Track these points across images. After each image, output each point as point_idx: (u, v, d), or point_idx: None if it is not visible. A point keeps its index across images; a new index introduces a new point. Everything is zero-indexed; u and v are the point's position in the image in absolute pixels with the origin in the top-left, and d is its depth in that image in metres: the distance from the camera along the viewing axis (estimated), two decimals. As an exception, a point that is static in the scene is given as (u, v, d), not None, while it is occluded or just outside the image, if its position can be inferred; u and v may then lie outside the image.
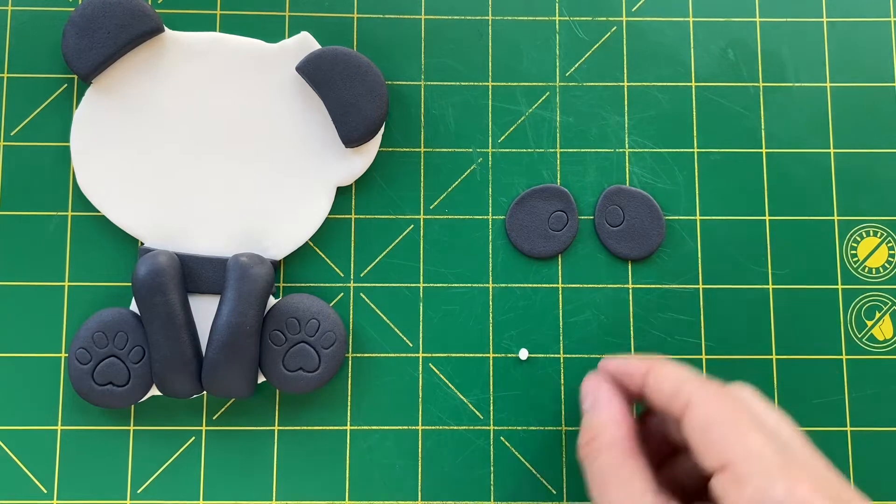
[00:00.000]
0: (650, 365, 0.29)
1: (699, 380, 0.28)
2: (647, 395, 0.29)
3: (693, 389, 0.27)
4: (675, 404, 0.27)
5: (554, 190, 0.35)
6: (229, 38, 0.35)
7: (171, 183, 0.34)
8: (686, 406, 0.27)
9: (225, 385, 0.32)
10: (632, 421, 0.29)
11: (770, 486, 0.24)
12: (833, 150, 0.36)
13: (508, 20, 0.36)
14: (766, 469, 0.25)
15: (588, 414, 0.30)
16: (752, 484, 0.25)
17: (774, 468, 0.25)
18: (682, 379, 0.28)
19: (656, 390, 0.28)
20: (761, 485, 0.25)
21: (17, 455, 0.33)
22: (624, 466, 0.28)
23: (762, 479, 0.25)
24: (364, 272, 0.34)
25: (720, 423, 0.26)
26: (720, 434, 0.26)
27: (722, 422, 0.26)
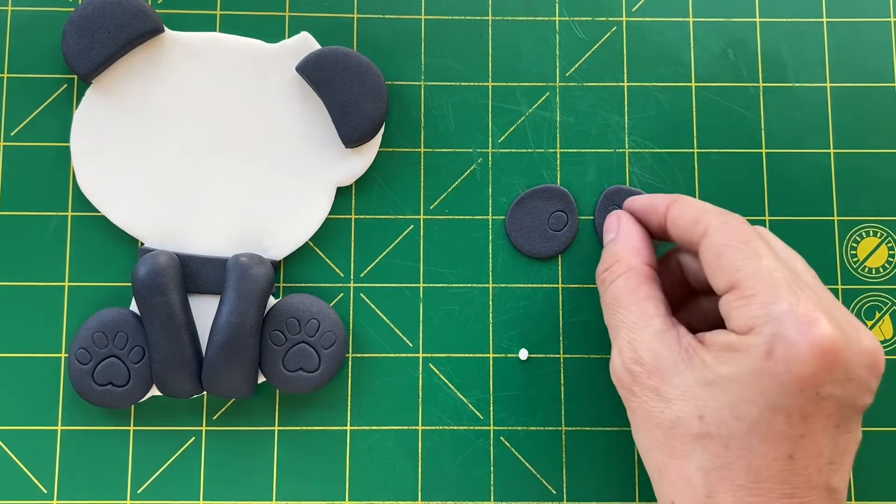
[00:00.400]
0: (674, 198, 0.30)
1: (720, 210, 0.29)
2: (669, 226, 0.30)
3: (712, 217, 0.28)
4: (694, 232, 0.28)
5: (554, 190, 0.35)
6: (229, 38, 0.35)
7: (171, 183, 0.34)
8: (704, 232, 0.28)
9: (225, 385, 0.32)
10: (651, 253, 0.30)
11: (773, 302, 0.25)
12: (833, 150, 0.36)
13: (508, 20, 0.36)
14: (771, 287, 0.25)
15: (608, 244, 0.31)
16: (756, 300, 0.25)
17: (781, 287, 0.25)
18: (703, 209, 0.29)
19: (678, 218, 0.29)
20: (765, 300, 0.25)
21: (17, 455, 0.33)
22: (638, 290, 0.29)
23: (767, 295, 0.25)
24: (364, 272, 0.34)
25: (733, 246, 0.27)
26: (732, 256, 0.27)
27: (735, 245, 0.27)
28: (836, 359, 0.25)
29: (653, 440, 0.27)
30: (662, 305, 0.28)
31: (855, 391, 0.25)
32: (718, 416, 0.25)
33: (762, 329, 0.25)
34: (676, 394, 0.26)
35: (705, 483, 0.26)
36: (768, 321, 0.25)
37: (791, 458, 0.25)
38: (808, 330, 0.25)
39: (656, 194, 0.32)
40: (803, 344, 0.24)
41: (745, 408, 0.25)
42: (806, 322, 0.25)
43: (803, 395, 0.25)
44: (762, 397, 0.25)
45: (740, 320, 0.26)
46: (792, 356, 0.24)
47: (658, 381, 0.27)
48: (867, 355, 0.26)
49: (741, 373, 0.25)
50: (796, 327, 0.25)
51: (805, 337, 0.24)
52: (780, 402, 0.25)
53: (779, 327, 0.25)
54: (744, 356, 0.25)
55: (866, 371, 0.26)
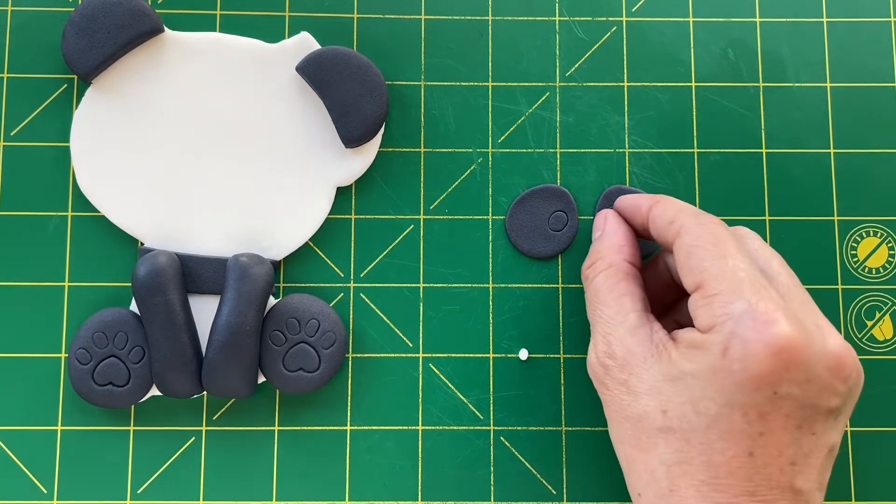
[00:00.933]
0: (657, 198, 0.31)
1: (696, 211, 0.29)
2: (650, 226, 0.30)
3: (686, 218, 0.29)
4: (669, 232, 0.29)
5: (554, 190, 0.35)
6: (229, 38, 0.35)
7: (171, 183, 0.34)
8: (678, 233, 0.28)
9: (225, 385, 0.32)
10: (634, 251, 0.31)
11: (733, 301, 0.26)
12: (833, 150, 0.36)
13: (508, 20, 0.36)
14: (734, 287, 0.26)
15: (594, 242, 0.32)
16: (718, 300, 0.26)
17: (743, 286, 0.26)
18: (679, 209, 0.29)
19: (658, 219, 0.30)
20: (726, 300, 0.26)
21: (17, 455, 0.33)
22: (617, 287, 0.29)
23: (728, 295, 0.26)
24: (364, 272, 0.34)
25: (702, 246, 0.27)
26: (700, 256, 0.27)
27: (704, 245, 0.27)
28: (793, 358, 0.25)
29: (622, 433, 0.28)
30: (640, 302, 0.29)
31: (815, 392, 0.26)
32: (680, 410, 0.26)
33: (721, 328, 0.26)
34: (643, 388, 0.27)
35: (668, 476, 0.26)
36: (727, 320, 0.25)
37: (751, 455, 0.25)
38: (765, 329, 0.25)
39: (643, 194, 0.33)
40: (758, 343, 0.25)
41: (704, 404, 0.25)
42: (763, 321, 0.25)
43: (759, 394, 0.25)
44: (720, 394, 0.25)
45: (703, 319, 0.26)
46: (747, 355, 0.25)
47: (628, 374, 0.27)
48: (830, 357, 0.26)
49: (701, 370, 0.26)
50: (752, 326, 0.25)
51: (760, 336, 0.25)
52: (737, 400, 0.25)
53: (736, 326, 0.25)
54: (704, 354, 0.26)
55: (829, 373, 0.26)
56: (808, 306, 0.27)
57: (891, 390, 0.34)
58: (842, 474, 0.34)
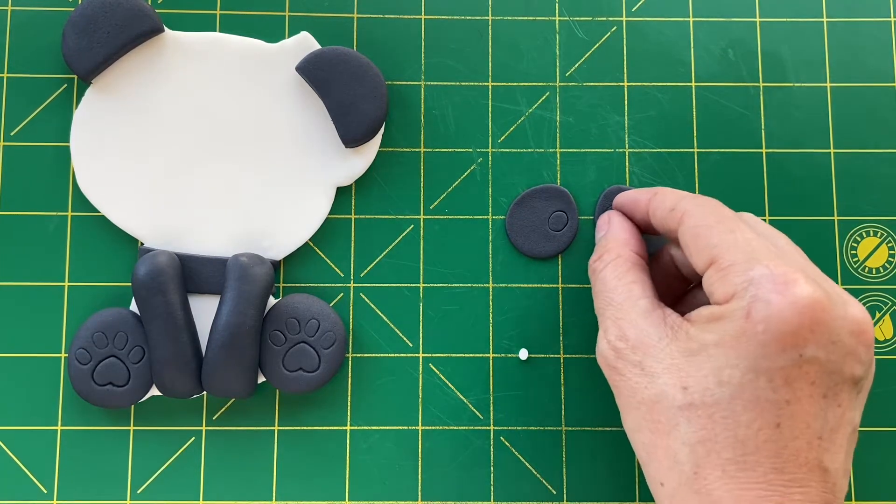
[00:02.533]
0: (655, 190, 0.31)
1: (695, 195, 0.29)
2: (651, 218, 0.30)
3: (687, 202, 0.29)
4: (672, 219, 0.29)
5: (554, 190, 0.35)
6: (229, 38, 0.35)
7: (171, 183, 0.34)
8: (681, 218, 0.28)
9: (225, 385, 0.32)
10: (640, 244, 0.31)
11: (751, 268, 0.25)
12: (833, 150, 0.36)
13: (508, 20, 0.36)
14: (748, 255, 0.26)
15: (599, 239, 0.32)
16: (734, 269, 0.26)
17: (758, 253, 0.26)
18: (679, 196, 0.29)
19: (657, 209, 0.30)
20: (743, 268, 0.25)
21: (17, 455, 0.33)
22: (626, 275, 0.29)
23: (744, 263, 0.25)
24: (364, 272, 0.34)
25: (707, 225, 0.27)
26: (708, 235, 0.27)
27: (709, 224, 0.27)
28: (817, 318, 0.24)
29: (638, 418, 0.27)
30: (649, 289, 0.29)
31: (840, 357, 0.25)
32: (702, 384, 0.25)
33: (742, 294, 0.25)
34: (660, 367, 0.26)
35: (692, 458, 0.25)
36: (747, 285, 0.25)
37: (778, 426, 0.24)
38: (787, 289, 0.24)
39: (640, 189, 0.32)
40: (781, 302, 0.24)
41: (728, 372, 0.25)
42: (783, 282, 0.25)
43: (785, 356, 0.24)
44: (744, 359, 0.25)
45: (720, 291, 0.26)
46: (771, 315, 0.24)
47: (642, 355, 0.27)
48: (852, 321, 0.25)
49: (723, 338, 0.25)
50: (774, 287, 0.25)
51: (783, 296, 0.24)
52: (762, 364, 0.24)
53: (757, 289, 0.25)
54: (726, 322, 0.25)
55: (852, 338, 0.25)
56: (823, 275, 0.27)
57: (891, 390, 0.34)
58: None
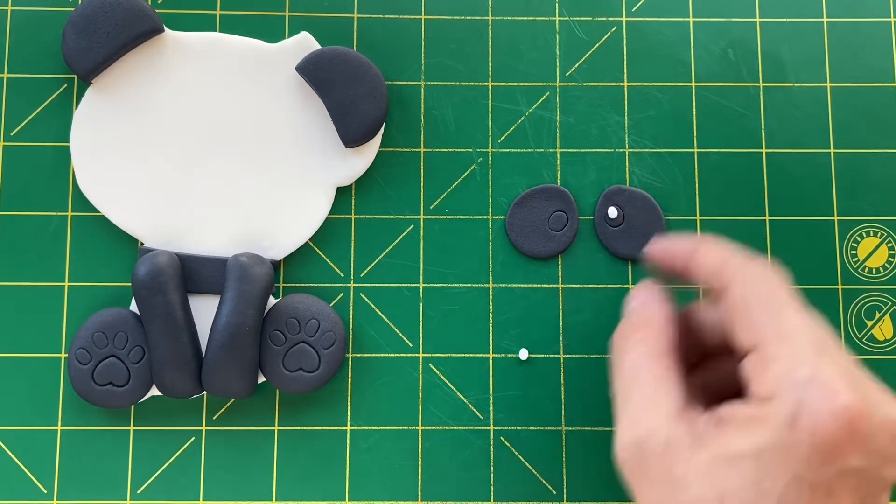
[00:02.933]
0: (700, 241, 0.28)
1: (746, 258, 0.27)
2: (693, 270, 0.28)
3: (738, 266, 0.26)
4: (718, 280, 0.26)
5: (554, 190, 0.35)
6: (229, 38, 0.35)
7: (171, 183, 0.34)
8: (729, 283, 0.26)
9: (225, 385, 0.32)
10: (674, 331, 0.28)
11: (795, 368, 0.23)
12: (833, 150, 0.36)
13: (508, 20, 0.36)
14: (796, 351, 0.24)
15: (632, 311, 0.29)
16: (779, 364, 0.24)
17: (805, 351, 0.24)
18: (728, 255, 0.27)
19: (703, 265, 0.27)
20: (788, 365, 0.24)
21: (17, 455, 0.33)
22: (658, 365, 0.26)
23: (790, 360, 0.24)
24: (364, 272, 0.34)
25: (759, 301, 0.25)
26: (758, 312, 0.25)
27: (761, 301, 0.25)
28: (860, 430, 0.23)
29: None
30: (680, 385, 0.26)
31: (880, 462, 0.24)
32: (741, 496, 0.23)
33: (785, 396, 0.23)
34: (694, 474, 0.24)
35: None
36: (791, 387, 0.23)
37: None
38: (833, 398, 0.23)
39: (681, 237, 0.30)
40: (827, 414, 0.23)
41: (769, 483, 0.23)
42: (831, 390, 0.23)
43: (829, 468, 0.23)
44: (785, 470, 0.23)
45: (762, 385, 0.24)
46: (817, 425, 0.23)
47: (671, 460, 0.24)
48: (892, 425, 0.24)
49: (764, 446, 0.23)
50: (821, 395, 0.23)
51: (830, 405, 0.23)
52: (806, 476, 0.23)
53: (803, 394, 0.23)
54: (765, 427, 0.23)
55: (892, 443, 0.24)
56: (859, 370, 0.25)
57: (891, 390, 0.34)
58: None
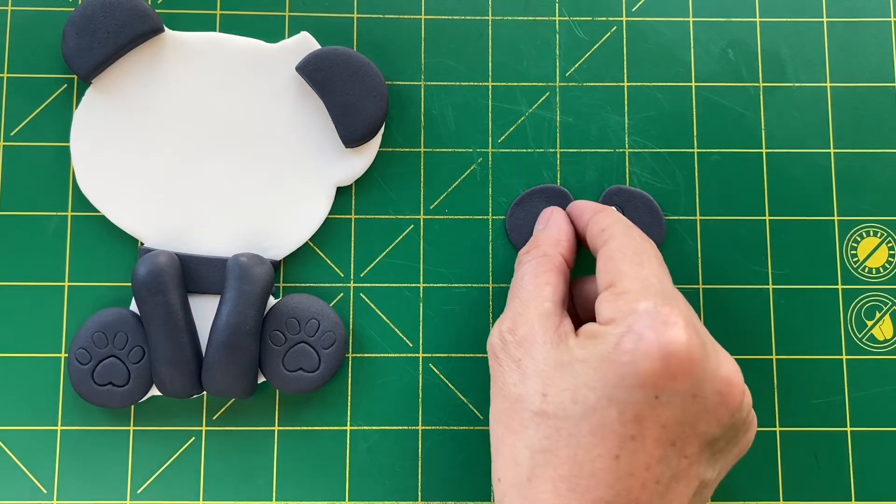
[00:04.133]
0: (600, 207, 0.31)
1: (630, 225, 0.30)
2: (587, 232, 0.31)
3: (617, 228, 0.29)
4: (600, 238, 0.29)
5: (554, 190, 0.35)
6: (229, 38, 0.35)
7: (171, 183, 0.34)
8: (606, 240, 0.29)
9: (225, 385, 0.32)
10: (570, 249, 0.31)
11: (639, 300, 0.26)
12: (833, 150, 0.36)
13: (508, 20, 0.36)
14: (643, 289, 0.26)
15: (535, 233, 0.32)
16: (625, 297, 0.26)
17: (652, 291, 0.26)
18: (615, 220, 0.30)
19: (594, 225, 0.30)
20: (633, 298, 0.26)
21: (17, 455, 0.33)
22: (543, 275, 0.29)
23: (636, 294, 0.26)
24: (364, 272, 0.34)
25: (624, 253, 0.28)
26: (619, 261, 0.28)
27: (625, 253, 0.28)
28: (683, 367, 0.25)
29: (499, 411, 0.27)
30: (559, 294, 0.29)
31: (697, 411, 0.25)
32: (560, 396, 0.26)
33: (621, 321, 0.26)
34: (532, 369, 0.27)
35: (530, 464, 0.26)
36: (629, 314, 0.25)
37: (617, 458, 0.25)
38: (663, 329, 0.25)
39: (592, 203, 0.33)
40: (653, 341, 0.25)
41: (584, 392, 0.25)
42: (663, 322, 0.25)
43: (640, 392, 0.25)
44: (601, 384, 0.25)
45: (606, 313, 0.26)
46: (638, 349, 0.25)
47: (523, 353, 0.27)
48: (721, 380, 0.26)
49: (591, 357, 0.25)
50: (651, 324, 0.25)
51: (657, 335, 0.25)
52: (617, 394, 0.25)
53: (635, 322, 0.25)
54: (598, 343, 0.26)
55: (715, 396, 0.25)
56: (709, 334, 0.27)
57: (891, 390, 0.34)
58: (842, 474, 0.34)
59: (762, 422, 0.34)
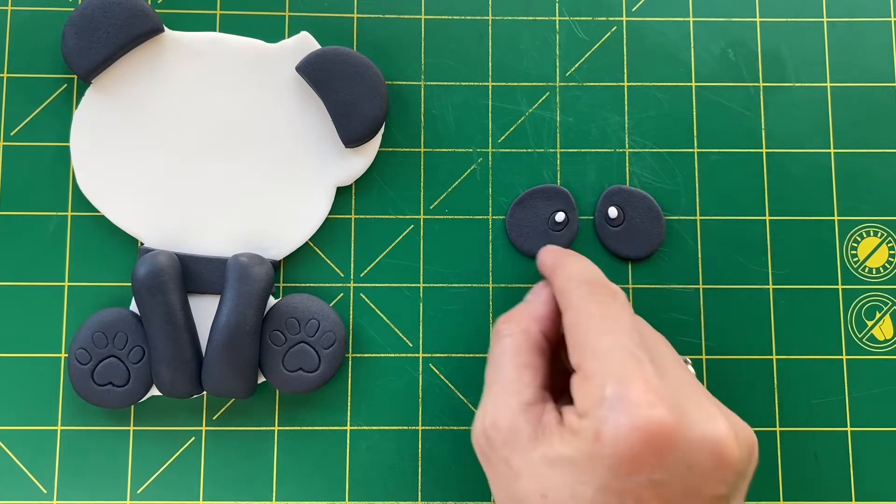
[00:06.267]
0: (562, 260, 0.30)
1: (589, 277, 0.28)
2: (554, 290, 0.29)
3: (574, 288, 0.28)
4: (561, 302, 0.28)
5: (554, 190, 0.35)
6: (229, 38, 0.35)
7: (171, 183, 0.34)
8: (566, 308, 0.27)
9: (225, 385, 0.32)
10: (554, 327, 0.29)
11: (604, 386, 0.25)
12: (833, 150, 0.36)
13: (508, 20, 0.36)
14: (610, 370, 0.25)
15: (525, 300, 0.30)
16: (593, 383, 0.25)
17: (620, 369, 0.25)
18: (573, 277, 0.28)
19: (555, 287, 0.29)
20: (600, 383, 0.25)
21: (17, 455, 0.33)
22: (522, 355, 0.28)
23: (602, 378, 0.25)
24: (364, 272, 0.34)
25: (584, 323, 0.26)
26: (581, 333, 0.26)
27: (586, 322, 0.26)
28: (666, 444, 0.24)
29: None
30: (540, 378, 0.27)
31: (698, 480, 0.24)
32: (559, 496, 0.25)
33: (594, 413, 0.25)
34: (524, 469, 0.26)
35: None
36: (600, 404, 0.24)
37: None
38: (635, 412, 0.24)
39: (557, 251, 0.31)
40: (627, 427, 0.24)
41: (580, 489, 0.24)
42: (634, 404, 0.24)
43: (634, 478, 0.24)
44: (593, 479, 0.24)
45: (580, 403, 0.25)
46: (618, 439, 0.24)
47: (510, 451, 0.26)
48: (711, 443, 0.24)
49: (576, 455, 0.25)
50: (623, 409, 0.24)
51: (630, 419, 0.24)
52: (612, 485, 0.24)
53: (608, 411, 0.24)
54: (579, 439, 0.25)
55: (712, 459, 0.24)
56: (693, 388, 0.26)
57: (891, 390, 0.34)
58: (842, 474, 0.34)
59: (762, 422, 0.34)
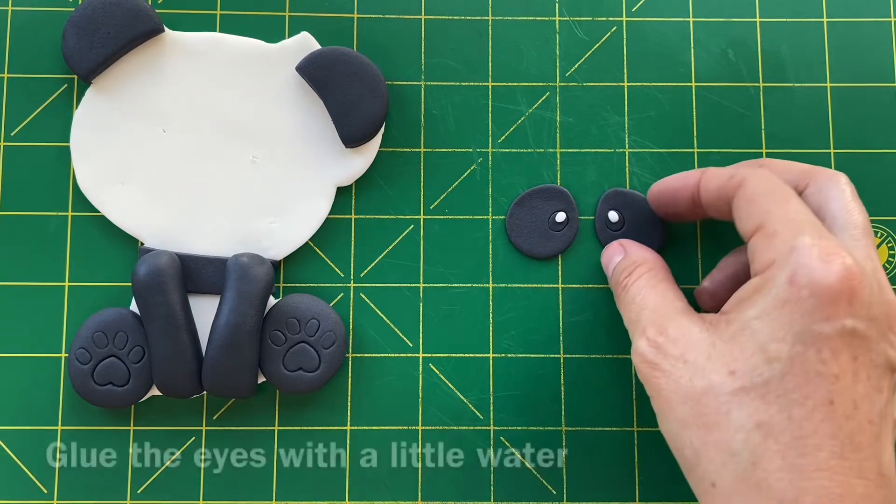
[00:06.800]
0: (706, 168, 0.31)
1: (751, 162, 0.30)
2: (702, 192, 0.30)
3: (746, 170, 0.29)
4: (729, 186, 0.29)
5: (554, 190, 0.35)
6: (229, 38, 0.35)
7: (171, 183, 0.34)
8: (739, 184, 0.28)
9: (225, 385, 0.32)
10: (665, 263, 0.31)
11: (796, 237, 0.25)
12: (833, 151, 0.36)
13: (508, 20, 0.36)
14: (796, 227, 0.26)
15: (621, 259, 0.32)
16: (780, 237, 0.26)
17: (804, 227, 0.26)
18: (737, 165, 0.30)
19: (712, 180, 0.30)
20: (788, 236, 0.25)
21: (17, 455, 0.33)
22: (660, 285, 0.29)
23: (790, 233, 0.25)
24: (364, 272, 0.34)
25: (765, 193, 0.27)
26: (763, 202, 0.27)
27: (766, 193, 0.27)
28: (857, 289, 0.24)
29: (684, 416, 0.25)
30: (683, 298, 0.29)
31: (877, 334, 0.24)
32: (749, 364, 0.24)
33: (784, 261, 0.25)
34: (703, 357, 0.26)
35: (748, 446, 0.24)
36: (790, 252, 0.25)
37: (831, 403, 0.24)
38: (830, 258, 0.24)
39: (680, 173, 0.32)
40: (823, 269, 0.24)
41: (774, 346, 0.24)
42: (827, 252, 0.24)
43: (829, 325, 0.24)
44: (789, 331, 0.24)
45: (763, 257, 0.26)
46: (814, 280, 0.24)
47: (683, 347, 0.26)
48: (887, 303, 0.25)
49: (766, 309, 0.25)
50: (817, 255, 0.24)
51: (825, 263, 0.24)
52: (808, 335, 0.24)
53: (800, 257, 0.24)
54: (768, 290, 0.25)
55: (886, 319, 0.25)
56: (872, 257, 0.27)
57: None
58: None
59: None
